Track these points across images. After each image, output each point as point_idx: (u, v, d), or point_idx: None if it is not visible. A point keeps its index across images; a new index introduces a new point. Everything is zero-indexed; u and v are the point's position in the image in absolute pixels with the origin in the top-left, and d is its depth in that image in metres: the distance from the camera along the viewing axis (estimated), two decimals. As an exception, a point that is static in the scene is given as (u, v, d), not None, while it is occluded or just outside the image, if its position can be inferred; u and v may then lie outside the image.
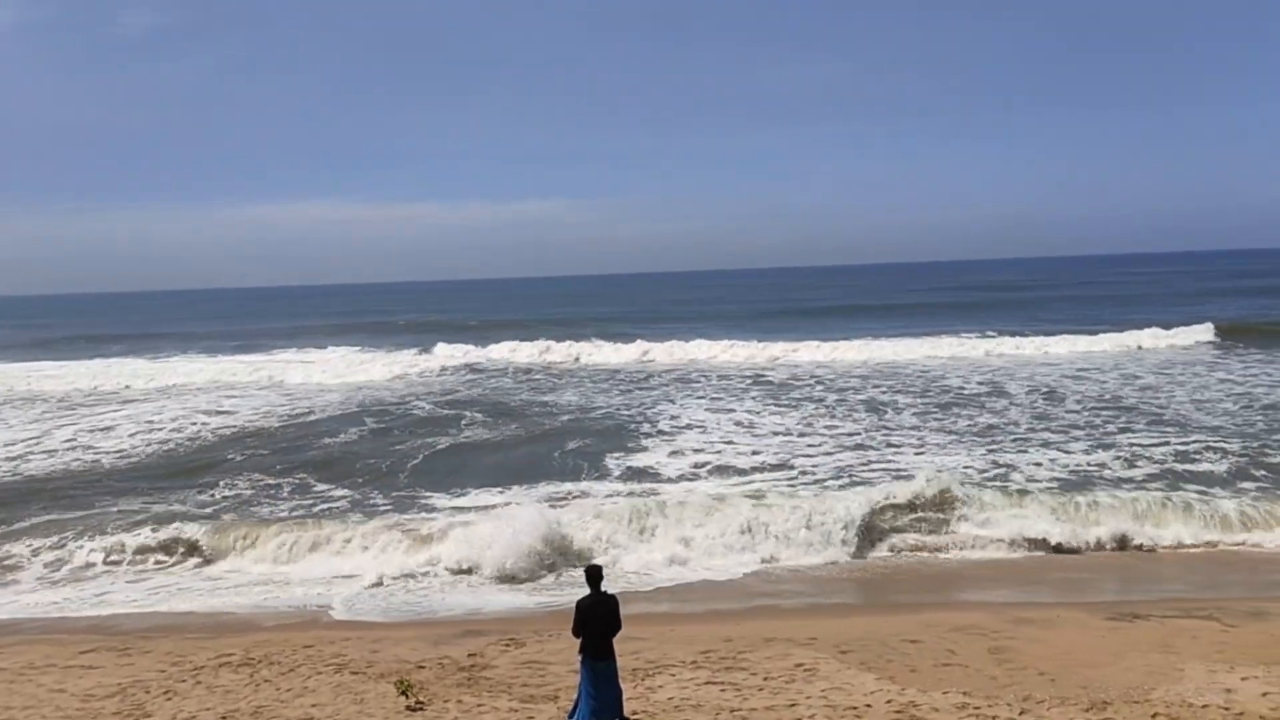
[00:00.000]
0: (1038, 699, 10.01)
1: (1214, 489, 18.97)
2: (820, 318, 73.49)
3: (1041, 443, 23.92)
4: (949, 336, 50.77)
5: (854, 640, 12.04)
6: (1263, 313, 59.92)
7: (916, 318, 69.84)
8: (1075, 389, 33.35)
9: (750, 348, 47.68)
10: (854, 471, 21.41)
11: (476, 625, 13.52)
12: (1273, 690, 10.00)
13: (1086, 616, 12.82)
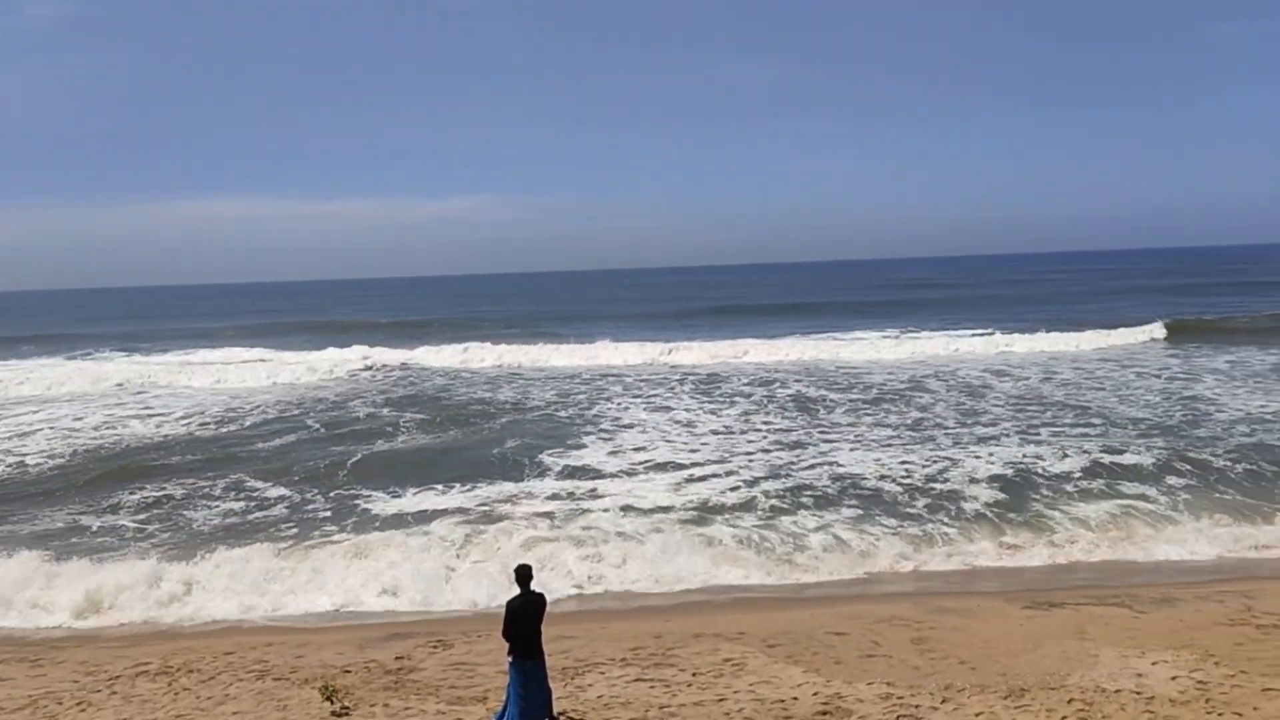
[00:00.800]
0: (958, 687, 10.24)
1: (1140, 484, 19.56)
2: (753, 316, 74.14)
3: (976, 438, 24.39)
4: (885, 334, 51.67)
5: (781, 634, 12.17)
6: (1217, 309, 61.10)
7: (856, 315, 70.52)
8: (1007, 386, 34.15)
9: (685, 347, 47.80)
10: (791, 471, 21.55)
11: (404, 628, 13.35)
12: (1181, 674, 10.37)
13: (1006, 605, 13.14)
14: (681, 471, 21.81)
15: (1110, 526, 17.26)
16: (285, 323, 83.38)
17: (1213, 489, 19.06)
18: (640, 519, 17.91)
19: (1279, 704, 9.54)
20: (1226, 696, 9.76)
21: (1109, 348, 45.27)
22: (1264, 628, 11.69)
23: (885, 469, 21.26)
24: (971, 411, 28.49)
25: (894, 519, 17.82)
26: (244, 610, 14.52)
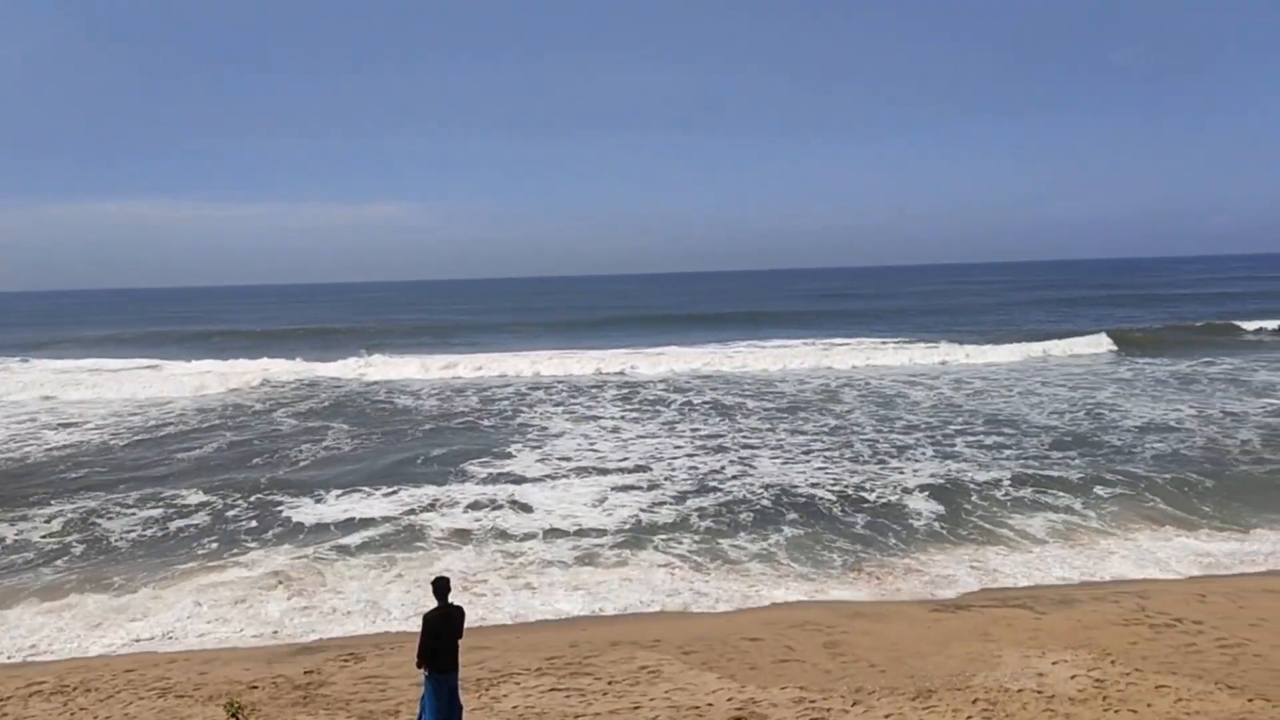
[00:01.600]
0: (868, 690, 10.44)
1: (1071, 495, 20.17)
2: (668, 324, 74.29)
3: (895, 448, 24.87)
4: (799, 342, 52.37)
5: (697, 640, 12.25)
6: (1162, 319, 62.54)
7: (775, 324, 71.17)
8: (920, 395, 34.92)
9: (598, 355, 47.82)
10: (714, 480, 21.68)
11: (314, 642, 13.06)
12: (1079, 673, 10.74)
13: (915, 609, 13.44)
14: (610, 486, 21.75)
15: (1058, 538, 17.25)
16: (191, 331, 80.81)
17: (1142, 498, 19.53)
18: (570, 542, 17.38)
19: (1171, 699, 9.95)
20: (1122, 693, 10.15)
21: (1046, 358, 46.37)
22: (1156, 627, 12.18)
23: (818, 482, 21.52)
24: (886, 419, 29.09)
25: (842, 538, 17.47)
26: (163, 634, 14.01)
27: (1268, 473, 21.26)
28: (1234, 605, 12.88)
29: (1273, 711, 9.58)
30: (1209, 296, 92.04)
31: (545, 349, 51.40)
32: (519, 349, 51.62)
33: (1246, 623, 12.17)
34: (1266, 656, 11.05)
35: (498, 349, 52.68)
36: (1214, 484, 20.27)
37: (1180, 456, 22.88)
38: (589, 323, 78.31)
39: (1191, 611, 12.63)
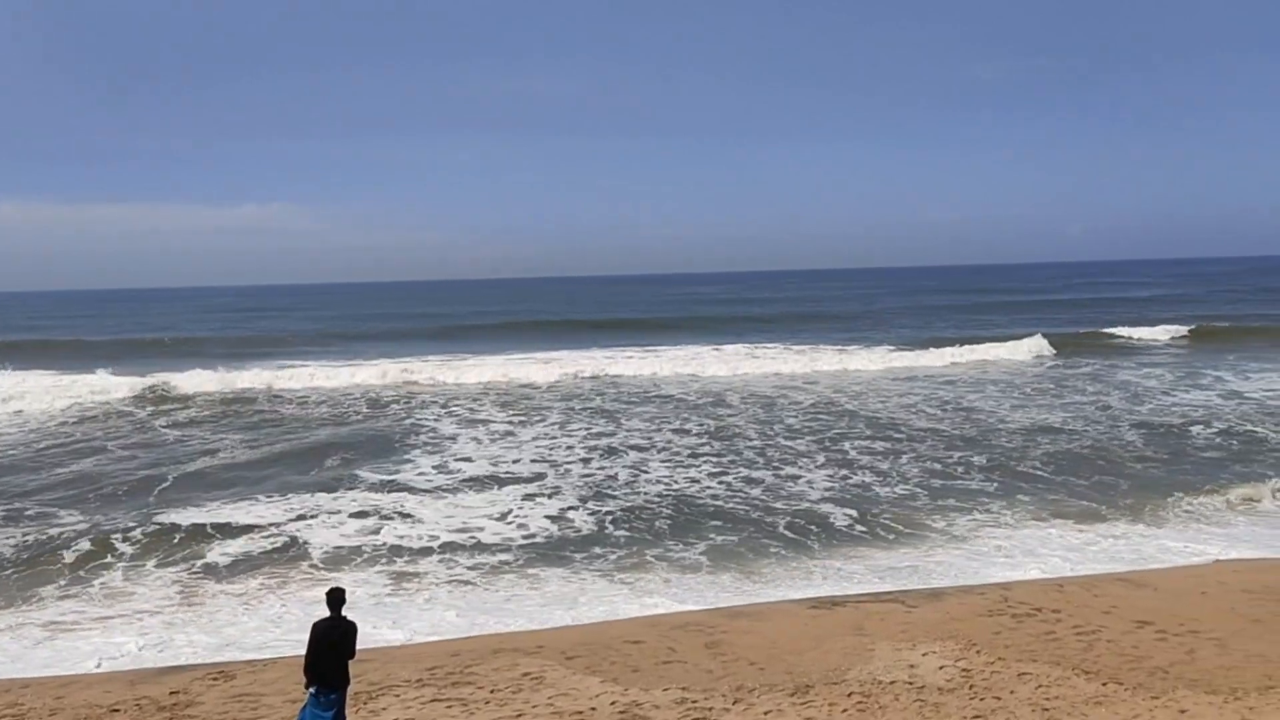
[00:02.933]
0: (749, 688, 10.64)
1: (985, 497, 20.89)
2: (551, 331, 73.65)
3: (790, 453, 25.37)
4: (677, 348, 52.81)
5: (580, 645, 12.25)
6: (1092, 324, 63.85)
7: (678, 330, 70.71)
8: (805, 401, 35.66)
9: (489, 361, 47.29)
10: (609, 487, 21.75)
11: (182, 663, 12.53)
12: (947, 663, 11.17)
13: (793, 607, 13.75)
14: (507, 493, 21.56)
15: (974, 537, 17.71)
16: (56, 340, 76.41)
17: (1042, 495, 20.45)
18: (465, 554, 17.07)
19: (1032, 686, 10.44)
20: (987, 682, 10.60)
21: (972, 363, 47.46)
22: (1018, 616, 12.76)
23: (720, 488, 21.78)
24: (767, 421, 29.68)
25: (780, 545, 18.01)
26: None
27: (1144, 469, 22.48)
28: (1089, 594, 13.59)
29: (1124, 694, 10.15)
30: (1086, 302, 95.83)
31: (436, 355, 50.56)
32: (403, 355, 50.59)
33: (1100, 610, 12.85)
34: (1118, 642, 11.70)
35: (379, 355, 51.48)
36: (1097, 481, 21.36)
37: (1070, 455, 24.01)
38: (478, 328, 76.89)
39: (1050, 601, 13.28)
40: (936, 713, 9.85)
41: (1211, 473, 21.98)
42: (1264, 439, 25.75)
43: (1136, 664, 10.99)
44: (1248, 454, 23.94)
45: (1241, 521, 18.34)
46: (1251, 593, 13.35)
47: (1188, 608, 12.86)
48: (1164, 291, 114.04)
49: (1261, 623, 12.21)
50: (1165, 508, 19.26)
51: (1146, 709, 9.76)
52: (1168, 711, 9.68)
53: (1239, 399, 32.97)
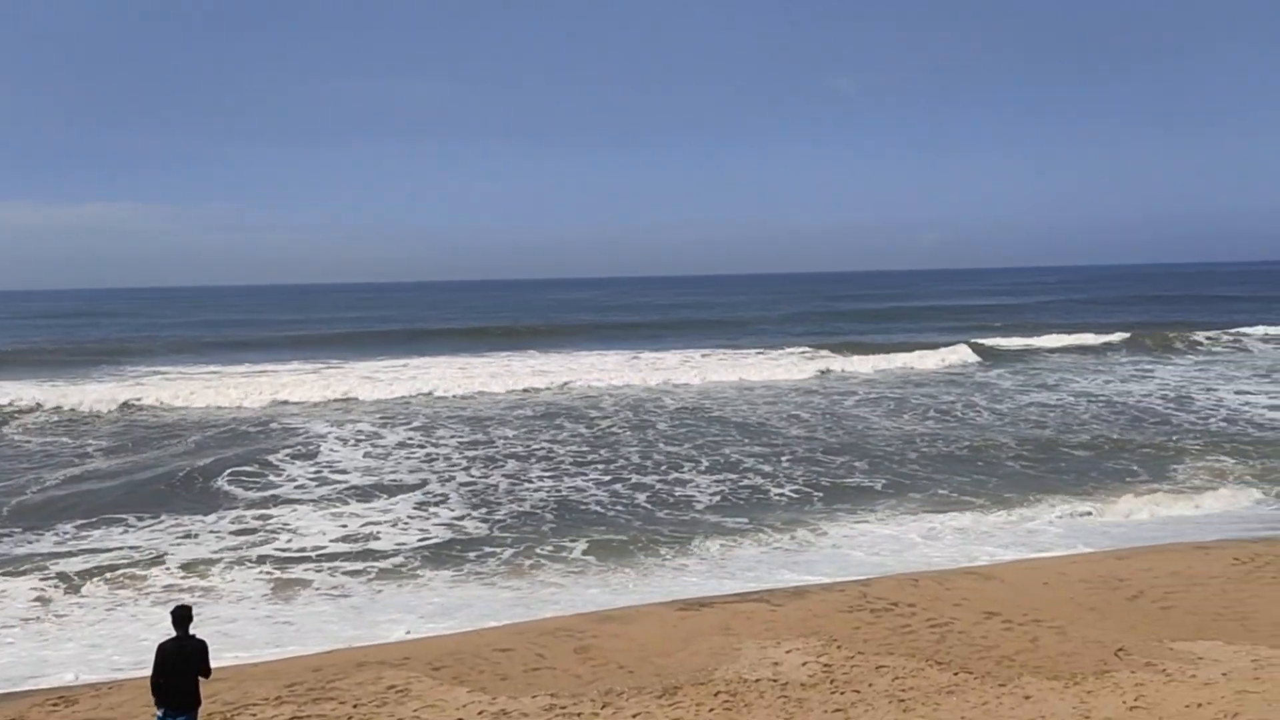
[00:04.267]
0: (618, 691, 10.68)
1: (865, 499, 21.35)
2: (422, 339, 70.89)
3: (663, 455, 25.53)
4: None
5: (448, 655, 12.07)
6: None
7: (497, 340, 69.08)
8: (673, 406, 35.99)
9: (357, 369, 46.09)
10: (491, 495, 21.50)
11: (21, 686, 11.77)
12: (810, 659, 11.48)
13: (663, 610, 13.87)
14: (389, 506, 21.02)
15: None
16: None
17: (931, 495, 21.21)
18: (344, 563, 16.71)
19: (889, 678, 10.83)
20: (847, 676, 10.94)
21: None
22: (876, 611, 13.21)
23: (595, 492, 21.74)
24: (640, 425, 29.91)
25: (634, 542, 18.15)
26: None
27: (1024, 467, 23.59)
28: (942, 588, 14.19)
29: (974, 683, 10.64)
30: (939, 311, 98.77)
31: (298, 362, 48.87)
32: (265, 362, 48.79)
33: (952, 603, 13.43)
34: (968, 633, 12.25)
35: (239, 362, 49.52)
36: (966, 479, 22.28)
37: (948, 456, 25.00)
38: (346, 337, 72.95)
39: (906, 595, 13.80)
40: (799, 708, 10.12)
41: (1074, 474, 23.13)
42: (1128, 441, 27.38)
43: (985, 653, 11.53)
44: (1115, 455, 25.26)
45: (1084, 518, 19.43)
46: (1088, 583, 14.19)
47: (1031, 598, 13.57)
48: (1053, 298, 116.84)
49: (1097, 610, 12.99)
50: (1018, 505, 20.27)
51: (994, 696, 10.25)
52: (1013, 697, 10.19)
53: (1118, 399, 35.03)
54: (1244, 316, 69.87)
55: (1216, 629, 12.09)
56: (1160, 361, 48.02)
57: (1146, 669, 10.84)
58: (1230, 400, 34.27)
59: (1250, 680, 10.36)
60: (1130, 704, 9.90)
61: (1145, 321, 68.56)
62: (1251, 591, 13.49)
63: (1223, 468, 23.20)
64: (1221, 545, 16.18)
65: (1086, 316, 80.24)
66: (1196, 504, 20.03)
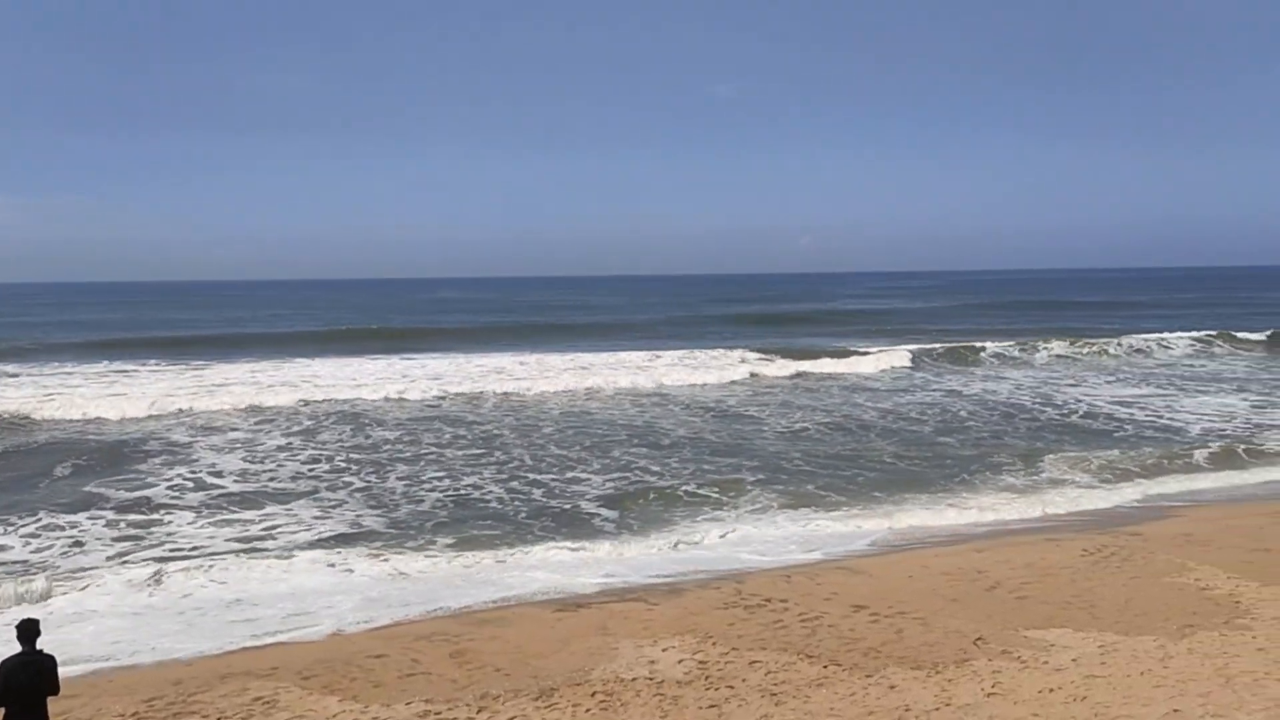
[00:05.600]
0: (494, 694, 10.60)
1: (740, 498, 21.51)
2: (294, 343, 67.91)
3: (550, 456, 25.29)
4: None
5: (318, 663, 11.75)
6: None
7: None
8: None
9: (230, 371, 44.22)
10: (378, 494, 20.85)
11: None
12: (686, 657, 11.63)
13: (539, 611, 13.82)
14: (268, 509, 20.22)
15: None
16: None
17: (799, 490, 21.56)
18: (226, 574, 15.99)
19: (762, 672, 11.06)
20: (722, 672, 11.13)
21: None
22: (750, 607, 13.47)
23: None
24: (523, 429, 29.68)
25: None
26: None
27: (906, 465, 24.33)
28: (813, 583, 14.57)
29: (843, 674, 10.96)
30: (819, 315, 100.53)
31: (161, 361, 46.66)
32: (128, 361, 46.45)
33: (822, 598, 13.81)
34: (838, 626, 12.61)
35: (103, 360, 47.05)
36: (841, 477, 22.83)
37: (830, 455, 25.50)
38: (215, 340, 68.88)
39: (779, 591, 14.12)
40: (675, 705, 10.24)
41: (942, 469, 24.07)
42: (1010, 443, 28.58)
43: (853, 645, 11.89)
44: (985, 451, 26.43)
45: (951, 513, 20.20)
46: (949, 575, 14.79)
47: (897, 591, 14.06)
48: (945, 303, 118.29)
49: (957, 601, 13.54)
50: (891, 501, 20.95)
51: (861, 687, 10.58)
52: (879, 688, 10.54)
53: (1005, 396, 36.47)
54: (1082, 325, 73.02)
55: (1066, 617, 12.76)
56: (1015, 365, 50.32)
57: (1003, 656, 11.37)
58: (1082, 401, 36.24)
59: (1097, 665, 10.98)
60: (988, 690, 10.36)
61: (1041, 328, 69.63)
62: (1098, 581, 14.28)
63: (1071, 461, 24.46)
64: (1071, 537, 17.07)
65: (1020, 322, 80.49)
66: (1048, 497, 21.08)
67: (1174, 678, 10.48)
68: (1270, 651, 11.15)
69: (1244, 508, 19.68)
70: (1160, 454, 25.35)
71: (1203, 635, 11.85)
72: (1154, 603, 13.23)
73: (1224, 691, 10.02)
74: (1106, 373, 45.39)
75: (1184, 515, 18.94)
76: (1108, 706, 9.80)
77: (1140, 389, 39.33)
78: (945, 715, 9.79)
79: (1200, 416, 31.85)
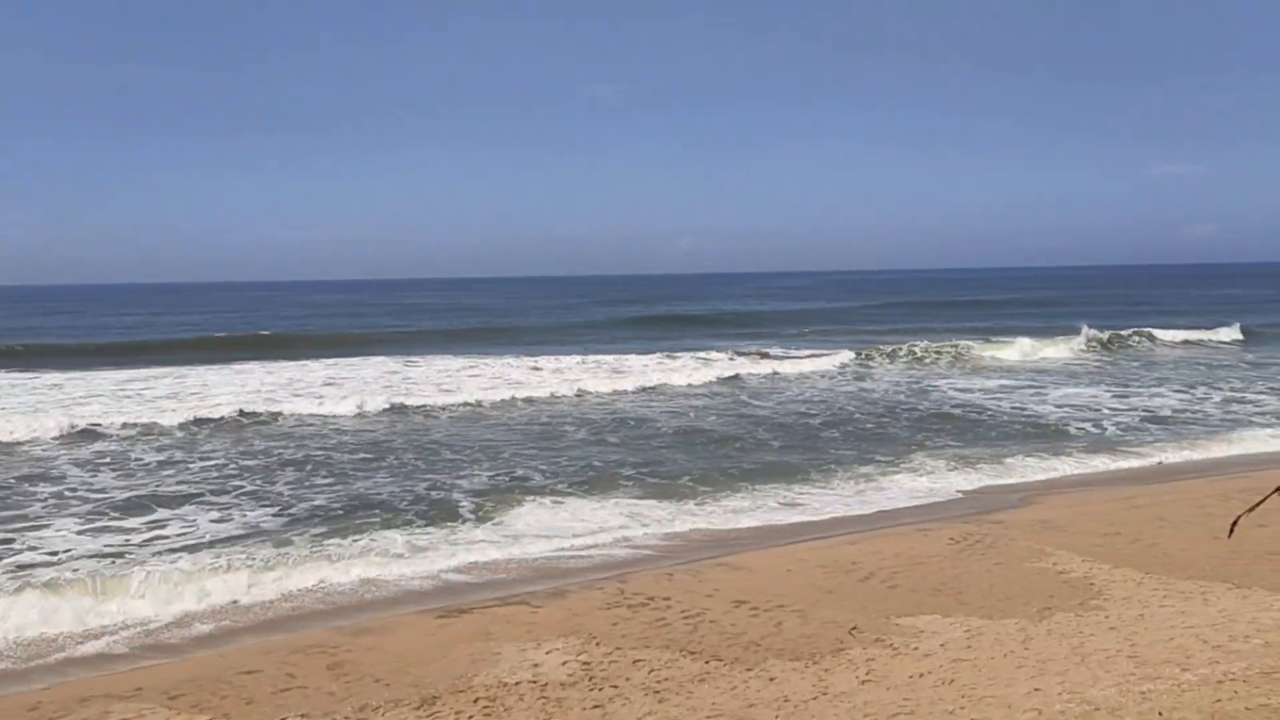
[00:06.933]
0: (373, 706, 10.40)
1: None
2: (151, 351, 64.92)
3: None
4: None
5: (186, 682, 11.31)
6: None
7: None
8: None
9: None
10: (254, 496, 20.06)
11: None
12: (569, 659, 11.64)
13: (420, 618, 13.61)
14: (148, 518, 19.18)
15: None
16: None
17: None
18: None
19: (645, 671, 11.16)
20: (605, 672, 11.18)
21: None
22: (634, 606, 13.57)
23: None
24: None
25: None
26: None
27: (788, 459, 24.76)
28: (695, 580, 14.76)
29: (724, 669, 11.15)
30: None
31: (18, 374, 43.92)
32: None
33: (704, 594, 14.01)
34: (719, 622, 12.82)
35: None
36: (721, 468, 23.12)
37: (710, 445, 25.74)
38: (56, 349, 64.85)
39: (662, 590, 14.26)
40: (559, 707, 10.23)
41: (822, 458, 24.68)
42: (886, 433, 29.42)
43: (734, 640, 12.11)
44: (864, 442, 27.21)
45: (815, 504, 20.76)
46: (826, 567, 15.20)
47: (776, 585, 14.37)
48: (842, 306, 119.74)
49: (834, 593, 13.94)
50: (771, 493, 21.38)
51: (743, 680, 10.79)
52: (760, 680, 10.77)
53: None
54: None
55: (935, 603, 13.28)
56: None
57: (876, 644, 11.76)
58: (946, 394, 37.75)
59: (964, 649, 11.46)
60: (862, 678, 10.70)
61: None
62: (964, 568, 14.91)
63: (937, 453, 25.47)
64: (939, 527, 17.76)
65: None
66: (917, 487, 21.91)
67: (1034, 658, 11.03)
68: (1121, 630, 11.84)
69: (1096, 494, 20.82)
70: (1021, 443, 26.64)
71: (1060, 617, 12.50)
72: (1015, 587, 13.88)
73: (1079, 669, 10.58)
74: (980, 370, 47.41)
75: (1042, 502, 19.92)
76: (974, 688, 10.24)
77: (1008, 381, 41.30)
78: (822, 704, 10.07)
79: (1061, 408, 33.59)
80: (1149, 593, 13.32)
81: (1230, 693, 9.68)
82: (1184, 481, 21.61)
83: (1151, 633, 11.64)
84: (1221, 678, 10.06)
